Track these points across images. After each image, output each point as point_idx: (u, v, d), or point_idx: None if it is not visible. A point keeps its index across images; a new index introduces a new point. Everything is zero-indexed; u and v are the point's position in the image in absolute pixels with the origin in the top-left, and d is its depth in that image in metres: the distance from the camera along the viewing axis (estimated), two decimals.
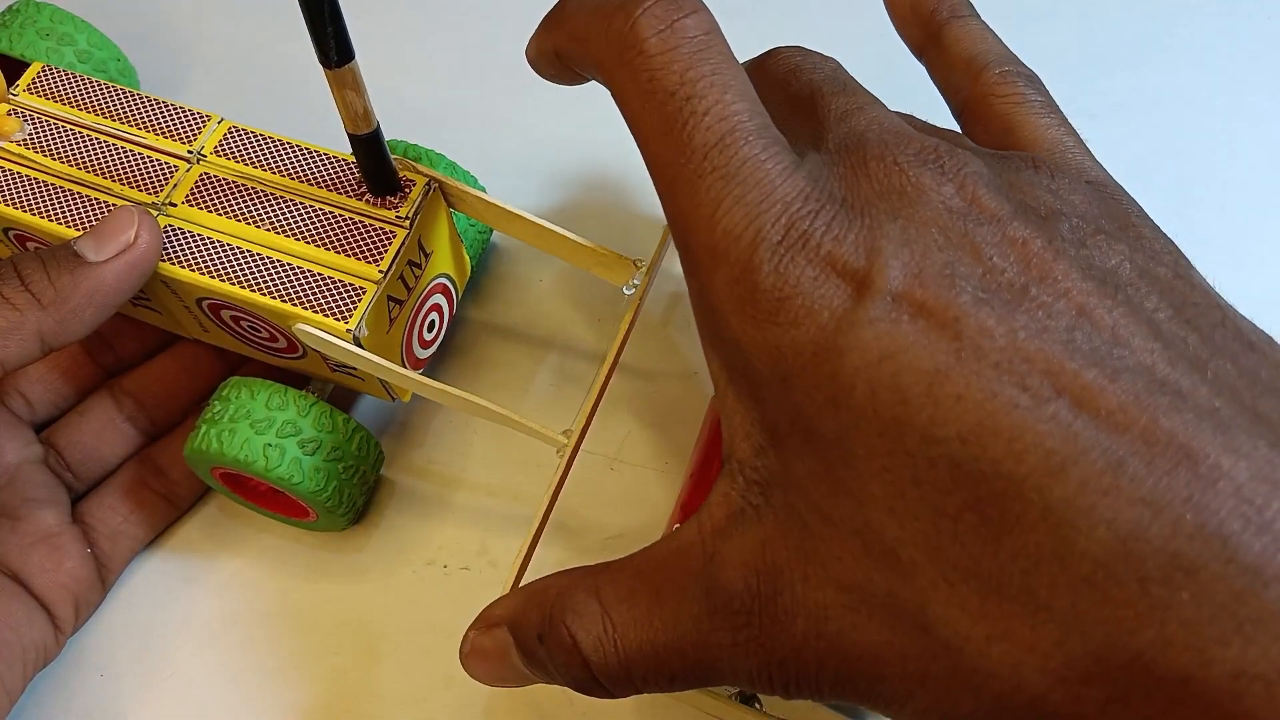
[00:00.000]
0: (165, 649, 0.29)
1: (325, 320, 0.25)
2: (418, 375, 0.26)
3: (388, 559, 0.30)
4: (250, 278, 0.26)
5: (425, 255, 0.28)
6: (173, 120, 0.29)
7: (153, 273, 0.26)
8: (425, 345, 0.30)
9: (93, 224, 0.27)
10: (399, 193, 0.27)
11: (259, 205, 0.27)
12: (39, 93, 0.29)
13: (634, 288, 0.28)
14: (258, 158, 0.28)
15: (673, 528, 0.25)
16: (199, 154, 0.28)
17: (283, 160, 0.28)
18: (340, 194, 0.27)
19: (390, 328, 0.27)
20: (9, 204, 0.27)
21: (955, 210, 0.18)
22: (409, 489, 0.31)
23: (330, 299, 0.26)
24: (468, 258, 0.31)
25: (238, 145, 0.28)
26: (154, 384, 0.30)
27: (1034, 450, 0.15)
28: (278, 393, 0.27)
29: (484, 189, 0.32)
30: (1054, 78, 0.24)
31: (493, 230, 0.33)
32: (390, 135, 0.26)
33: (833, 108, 0.21)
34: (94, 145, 0.28)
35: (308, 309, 0.26)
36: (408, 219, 0.27)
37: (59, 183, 0.28)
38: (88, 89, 0.29)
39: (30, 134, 0.28)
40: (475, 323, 0.33)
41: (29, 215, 0.27)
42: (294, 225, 0.27)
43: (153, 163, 0.28)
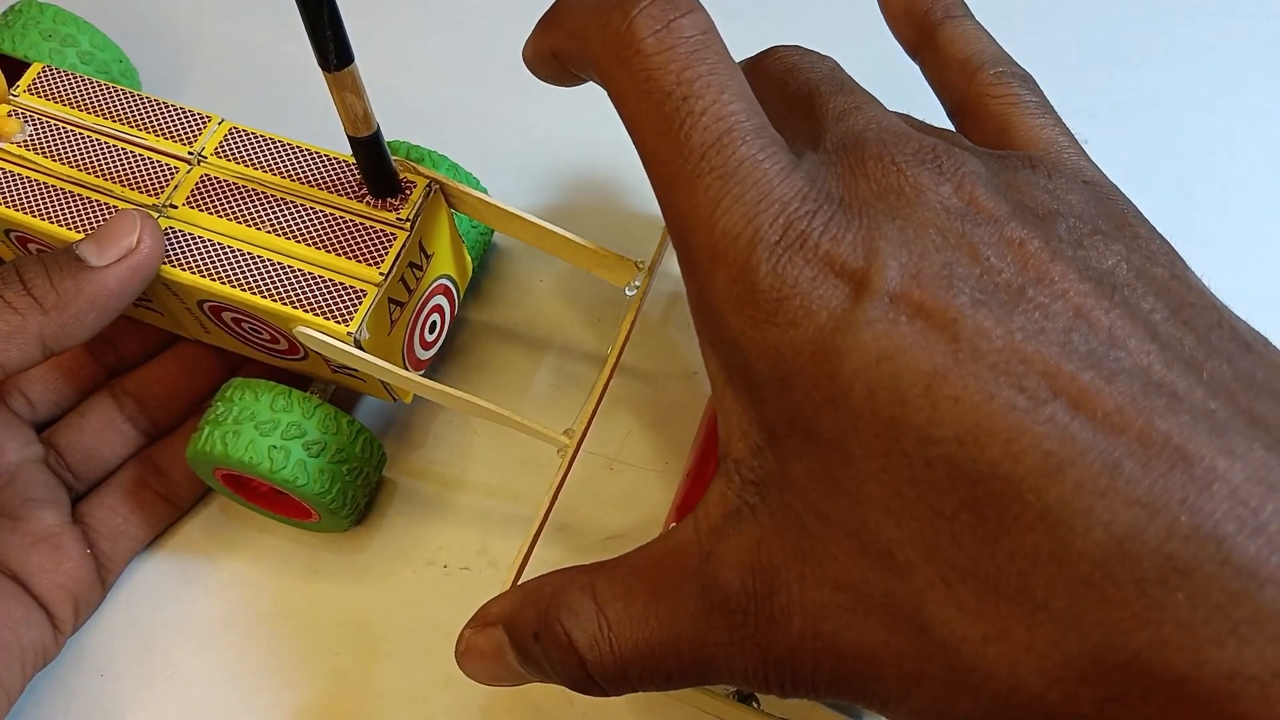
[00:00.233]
0: (165, 649, 0.29)
1: (326, 323, 0.25)
2: (419, 377, 0.26)
3: (388, 559, 0.30)
4: (251, 280, 0.26)
5: (426, 257, 0.28)
6: (173, 121, 0.29)
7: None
8: (426, 346, 0.30)
9: (93, 226, 0.27)
10: (399, 194, 0.27)
11: (259, 207, 0.27)
12: (39, 94, 0.29)
13: (635, 289, 0.28)
14: (258, 159, 0.28)
15: (669, 526, 0.25)
16: (199, 155, 0.28)
17: (283, 162, 0.28)
18: (341, 196, 0.27)
19: (391, 329, 0.27)
20: (9, 205, 0.27)
21: (953, 210, 0.18)
22: (410, 489, 0.31)
23: (331, 301, 0.26)
24: (469, 258, 0.31)
25: (238, 146, 0.28)
26: (155, 384, 0.30)
27: (1031, 451, 0.15)
28: (282, 394, 0.27)
29: (486, 190, 0.32)
30: (1053, 78, 0.24)
31: (494, 231, 0.34)
32: (390, 135, 0.26)
33: (830, 107, 0.21)
34: (94, 146, 0.28)
35: (308, 312, 0.26)
36: (408, 221, 0.27)
37: (59, 184, 0.28)
38: (88, 90, 0.29)
39: (31, 135, 0.28)
40: (475, 323, 0.33)
41: (29, 217, 0.27)
42: (295, 227, 0.27)
43: (153, 164, 0.28)
